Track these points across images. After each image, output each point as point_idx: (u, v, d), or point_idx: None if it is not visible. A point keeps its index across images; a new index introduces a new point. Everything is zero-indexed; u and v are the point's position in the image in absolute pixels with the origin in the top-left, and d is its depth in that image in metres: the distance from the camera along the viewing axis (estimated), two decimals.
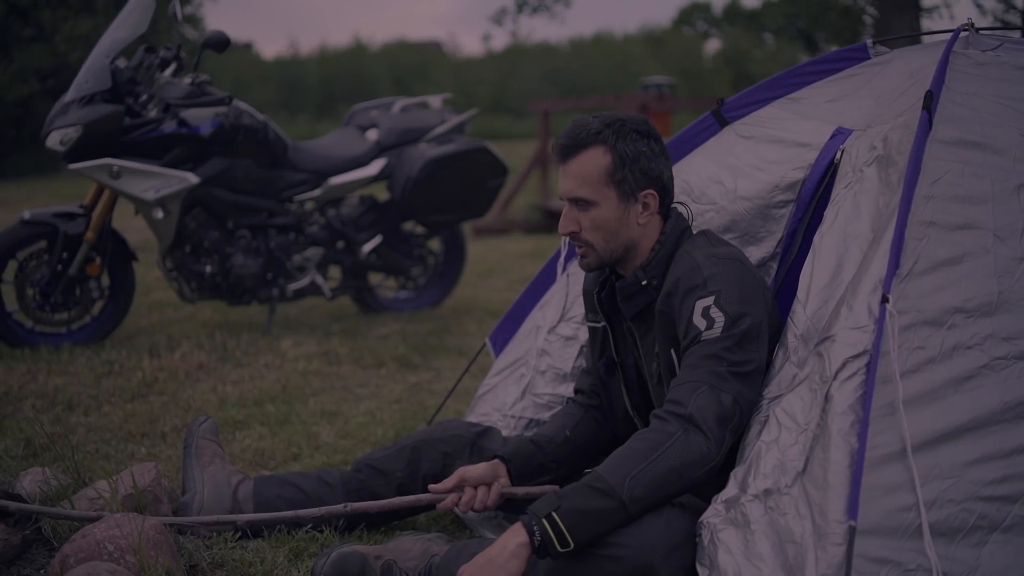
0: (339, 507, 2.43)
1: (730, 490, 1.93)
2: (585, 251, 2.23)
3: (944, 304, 1.86)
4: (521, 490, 2.33)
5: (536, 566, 1.97)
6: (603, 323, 2.39)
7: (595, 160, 2.16)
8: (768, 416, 1.98)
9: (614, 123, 2.18)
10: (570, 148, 2.18)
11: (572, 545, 1.89)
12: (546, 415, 2.73)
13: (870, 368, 1.81)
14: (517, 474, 2.34)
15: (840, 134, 2.33)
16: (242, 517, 2.42)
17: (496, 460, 2.33)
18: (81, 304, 4.46)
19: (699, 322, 2.05)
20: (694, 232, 2.27)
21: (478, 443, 2.55)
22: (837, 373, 1.85)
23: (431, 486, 2.28)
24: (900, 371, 1.79)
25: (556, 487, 2.38)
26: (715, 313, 2.04)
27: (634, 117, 2.23)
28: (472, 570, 1.90)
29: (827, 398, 1.85)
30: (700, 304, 2.06)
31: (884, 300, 1.83)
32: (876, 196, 2.09)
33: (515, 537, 1.91)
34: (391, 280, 5.39)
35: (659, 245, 2.21)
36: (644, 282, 2.21)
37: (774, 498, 1.85)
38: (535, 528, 1.90)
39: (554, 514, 1.89)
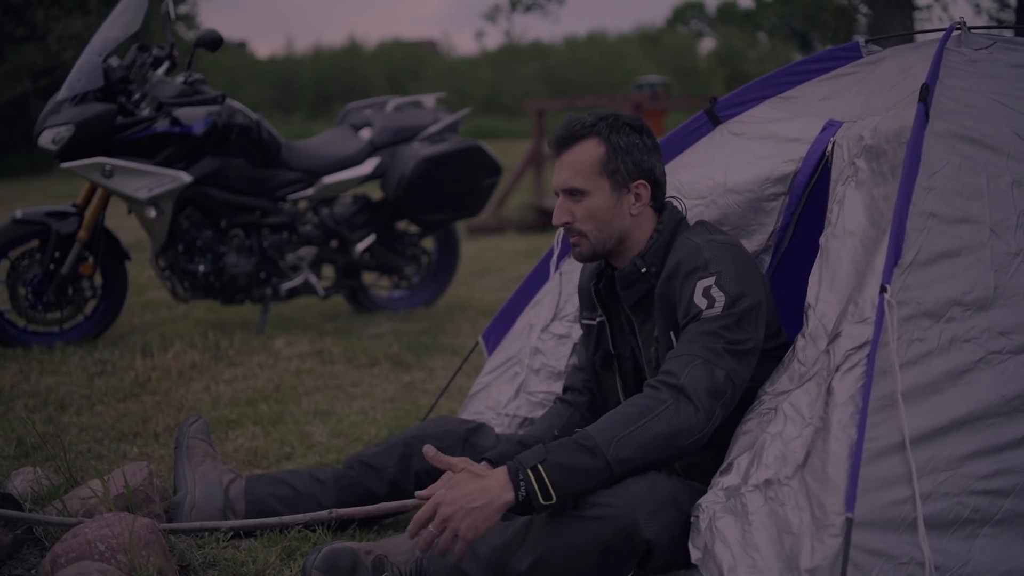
0: (323, 513, 2.44)
1: (733, 478, 1.94)
2: (578, 240, 2.27)
3: (943, 296, 1.87)
4: None
5: (525, 538, 1.98)
6: (600, 318, 2.40)
7: (589, 151, 2.23)
8: (776, 409, 1.99)
9: (608, 117, 2.27)
10: (565, 140, 2.26)
11: (554, 499, 1.89)
12: (540, 413, 2.73)
13: (870, 359, 1.81)
14: None
15: (831, 126, 2.34)
16: (225, 524, 2.42)
17: (483, 463, 2.33)
18: (74, 303, 4.45)
19: (700, 301, 2.08)
20: (690, 223, 2.32)
21: (470, 439, 2.55)
22: (839, 365, 1.86)
23: (418, 492, 2.28)
24: (899, 362, 1.80)
25: None
26: (716, 293, 2.08)
27: (628, 115, 2.30)
28: (458, 508, 1.86)
29: (829, 390, 1.86)
30: (701, 284, 2.10)
31: (883, 290, 1.84)
32: (870, 187, 2.10)
33: (502, 493, 1.88)
34: (385, 279, 5.39)
35: (657, 234, 2.26)
36: (643, 269, 2.25)
37: (774, 489, 1.85)
38: (521, 481, 1.89)
39: (540, 466, 1.90)
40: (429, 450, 1.89)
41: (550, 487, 1.89)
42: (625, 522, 1.92)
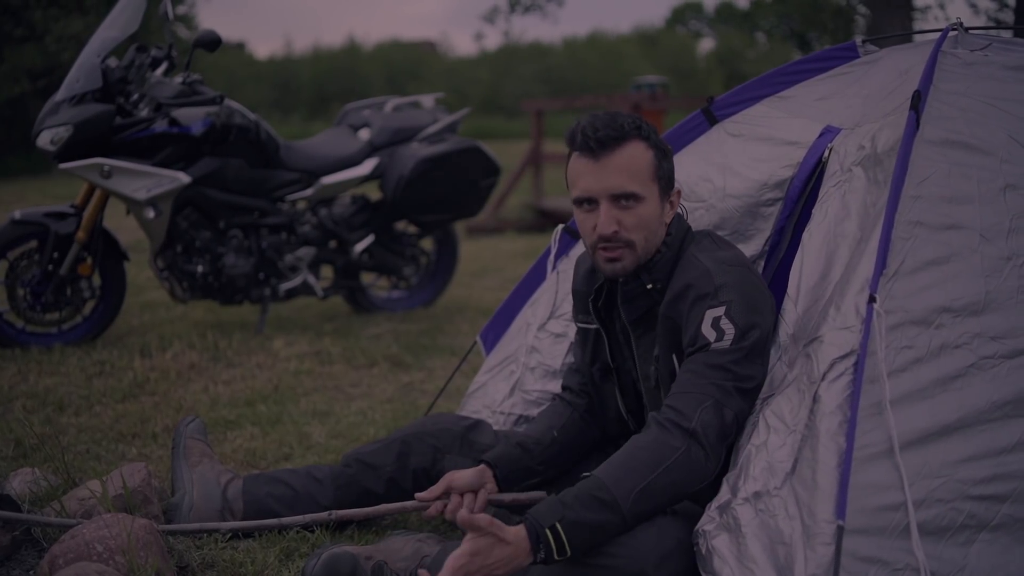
0: (323, 515, 2.43)
1: (723, 495, 1.93)
2: (621, 253, 2.11)
3: (931, 303, 1.86)
4: (508, 497, 2.34)
5: (528, 573, 1.96)
6: (596, 326, 2.37)
7: (640, 154, 2.09)
8: (757, 419, 1.98)
9: (638, 118, 2.13)
10: (612, 140, 2.06)
11: (568, 555, 1.88)
12: (535, 411, 2.73)
13: (857, 368, 1.81)
14: (504, 479, 2.34)
15: (828, 132, 2.34)
16: (224, 525, 2.42)
17: (483, 466, 2.33)
18: (72, 304, 4.45)
19: (708, 332, 2.02)
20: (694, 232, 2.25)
21: (468, 437, 2.53)
22: (825, 374, 1.85)
23: (418, 495, 2.28)
24: (887, 371, 1.79)
25: (543, 492, 2.38)
26: (725, 324, 2.01)
27: None
28: (475, 568, 1.84)
29: (815, 399, 1.85)
30: (710, 314, 2.02)
31: (871, 300, 1.84)
32: (864, 195, 2.09)
33: (524, 560, 1.86)
34: (383, 280, 5.39)
35: (665, 247, 2.16)
36: (649, 285, 2.17)
37: (764, 500, 1.85)
38: (540, 544, 1.86)
39: (558, 525, 1.86)
40: (463, 515, 1.85)
41: (566, 544, 1.87)
42: (633, 572, 1.89)
